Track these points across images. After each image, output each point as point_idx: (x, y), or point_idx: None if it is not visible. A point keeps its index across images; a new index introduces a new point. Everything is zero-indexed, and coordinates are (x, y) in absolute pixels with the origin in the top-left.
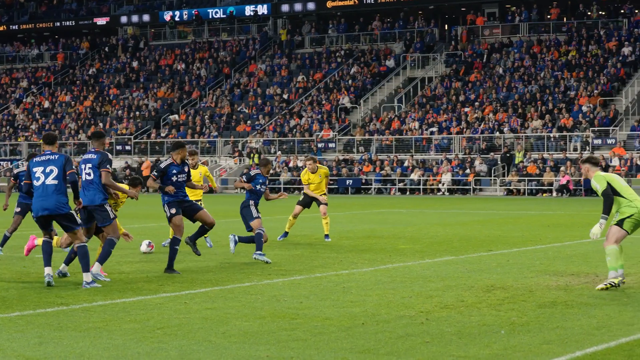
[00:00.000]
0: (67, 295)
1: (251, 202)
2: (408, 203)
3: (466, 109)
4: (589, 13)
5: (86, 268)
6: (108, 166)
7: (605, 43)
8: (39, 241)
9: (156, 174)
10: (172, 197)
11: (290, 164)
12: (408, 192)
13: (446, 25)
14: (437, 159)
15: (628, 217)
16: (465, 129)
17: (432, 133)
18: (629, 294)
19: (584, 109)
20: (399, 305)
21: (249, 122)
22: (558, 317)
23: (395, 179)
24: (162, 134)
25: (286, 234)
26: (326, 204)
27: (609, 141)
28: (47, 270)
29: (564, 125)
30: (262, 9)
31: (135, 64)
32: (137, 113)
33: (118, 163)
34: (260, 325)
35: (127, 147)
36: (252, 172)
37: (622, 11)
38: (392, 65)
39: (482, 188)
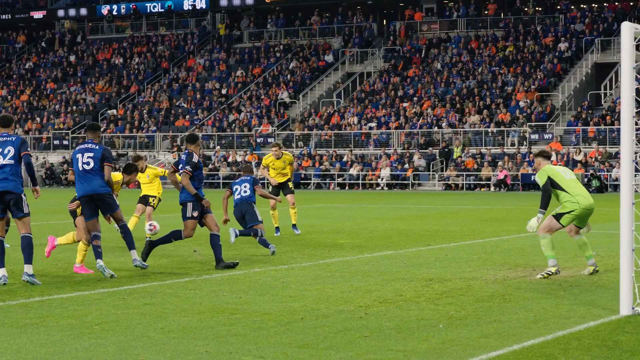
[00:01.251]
0: (4, 291)
1: (254, 204)
2: (347, 198)
3: (405, 104)
4: (526, 9)
5: (29, 260)
6: (112, 161)
7: (542, 39)
8: (60, 240)
9: (191, 169)
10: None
11: (230, 159)
12: (347, 187)
13: (384, 21)
14: (375, 154)
15: (568, 212)
16: (403, 124)
17: (370, 128)
18: (565, 287)
19: (521, 104)
20: (338, 300)
21: (187, 116)
22: (496, 310)
23: (334, 174)
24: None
25: (278, 229)
26: (293, 193)
27: (546, 136)
28: (2, 272)
29: (501, 121)
30: (201, 3)
31: (72, 58)
32: (75, 107)
33: (55, 158)
34: (199, 321)
35: (65, 142)
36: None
37: (559, 7)
38: (330, 60)
39: (421, 183)
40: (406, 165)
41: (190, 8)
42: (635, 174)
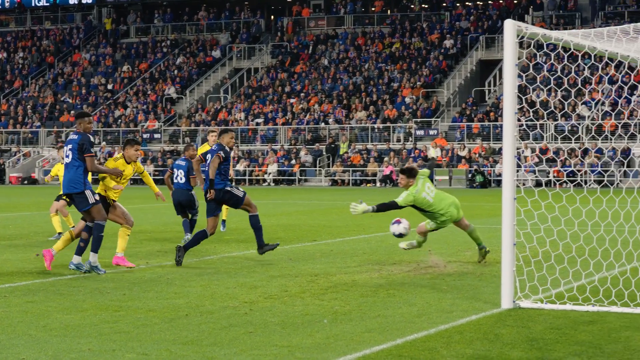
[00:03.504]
0: None
1: (193, 193)
2: None
3: (292, 100)
4: (412, 6)
5: None
6: (91, 150)
7: (428, 36)
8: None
9: (224, 155)
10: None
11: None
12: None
13: (272, 17)
14: (262, 150)
15: (431, 229)
16: (291, 120)
17: (257, 124)
18: (449, 282)
19: (407, 100)
20: (223, 296)
21: (72, 112)
22: (380, 305)
23: None
24: None
25: (223, 222)
26: None
27: (431, 132)
28: None
29: (387, 117)
30: None
31: None
32: None
33: None
34: (82, 318)
35: None
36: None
37: (444, 4)
38: (218, 55)
39: (308, 178)
40: (293, 161)
41: (76, 2)
42: (517, 170)
